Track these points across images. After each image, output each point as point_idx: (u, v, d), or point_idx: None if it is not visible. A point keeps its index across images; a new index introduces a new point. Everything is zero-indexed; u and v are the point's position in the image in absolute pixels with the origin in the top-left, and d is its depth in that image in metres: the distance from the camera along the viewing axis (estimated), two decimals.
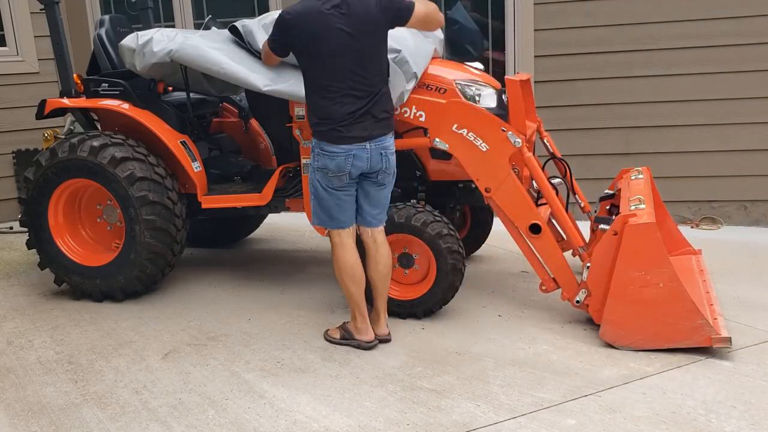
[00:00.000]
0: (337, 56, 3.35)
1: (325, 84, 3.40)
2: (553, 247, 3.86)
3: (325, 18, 3.31)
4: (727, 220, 5.82)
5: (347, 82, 3.37)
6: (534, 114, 4.52)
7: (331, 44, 3.33)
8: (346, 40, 3.33)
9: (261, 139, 4.42)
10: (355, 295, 3.64)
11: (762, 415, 2.92)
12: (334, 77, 3.37)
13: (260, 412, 3.08)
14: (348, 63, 3.35)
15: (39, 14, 5.12)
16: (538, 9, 5.80)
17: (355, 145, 3.40)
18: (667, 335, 3.44)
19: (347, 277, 3.60)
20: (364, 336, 3.65)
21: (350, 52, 3.35)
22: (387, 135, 3.51)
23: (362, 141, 3.41)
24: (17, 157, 6.50)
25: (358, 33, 3.34)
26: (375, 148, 3.45)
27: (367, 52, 3.39)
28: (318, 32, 3.33)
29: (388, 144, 3.51)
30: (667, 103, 5.71)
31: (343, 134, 3.39)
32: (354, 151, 3.40)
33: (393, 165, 3.57)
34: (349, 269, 3.59)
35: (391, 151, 3.54)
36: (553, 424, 2.90)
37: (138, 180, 4.19)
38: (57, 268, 4.50)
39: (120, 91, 4.46)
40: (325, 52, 3.35)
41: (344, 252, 3.58)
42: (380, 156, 3.47)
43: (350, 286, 3.62)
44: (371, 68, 3.42)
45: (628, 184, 4.23)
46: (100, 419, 3.08)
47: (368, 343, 3.64)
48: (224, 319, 4.12)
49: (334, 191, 3.50)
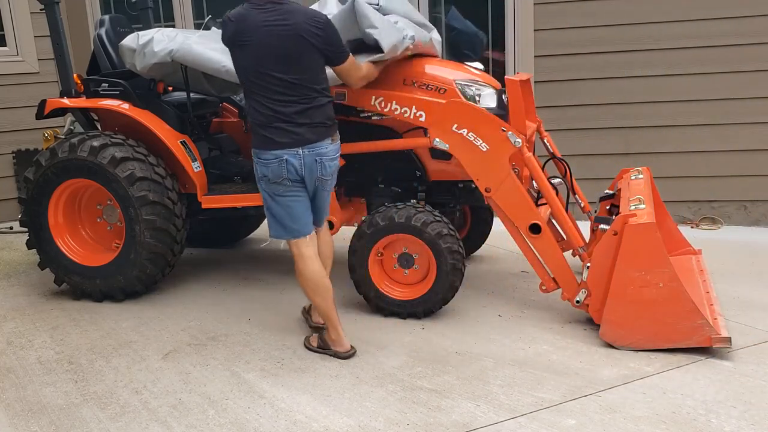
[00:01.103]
0: (266, 63, 3.31)
1: (256, 90, 3.37)
2: (553, 247, 3.86)
3: (261, 23, 3.30)
4: (727, 220, 5.82)
5: (278, 89, 3.33)
6: (534, 114, 4.52)
7: (261, 50, 3.30)
8: (277, 49, 3.29)
9: None
10: (321, 306, 3.58)
11: (762, 415, 2.92)
12: (265, 85, 3.34)
13: (260, 412, 3.08)
14: (278, 71, 3.31)
15: (39, 14, 5.13)
16: (538, 9, 5.80)
17: (287, 150, 3.36)
18: (667, 335, 3.44)
19: (310, 289, 3.55)
20: (339, 348, 3.60)
21: (281, 60, 3.31)
22: (323, 141, 3.43)
23: (293, 146, 3.36)
24: (17, 157, 6.51)
25: (292, 43, 3.30)
26: (308, 154, 3.39)
27: (300, 61, 3.35)
28: (251, 37, 3.30)
29: (323, 151, 3.43)
30: (667, 103, 5.71)
31: (274, 140, 3.36)
32: (285, 156, 3.36)
33: (330, 171, 3.51)
34: (311, 282, 3.52)
35: (328, 157, 3.47)
36: (553, 424, 2.90)
37: (138, 180, 4.19)
38: (57, 268, 4.50)
39: (120, 91, 4.46)
40: (257, 58, 3.32)
41: (303, 263, 3.51)
42: (315, 162, 3.41)
43: (314, 297, 3.57)
44: (304, 77, 3.36)
45: (628, 184, 4.23)
46: (100, 419, 3.08)
47: (345, 353, 3.58)
48: (224, 319, 4.12)
49: (280, 198, 3.45)
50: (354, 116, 4.29)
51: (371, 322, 3.99)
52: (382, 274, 4.05)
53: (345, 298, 4.32)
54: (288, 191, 3.44)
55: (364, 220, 4.02)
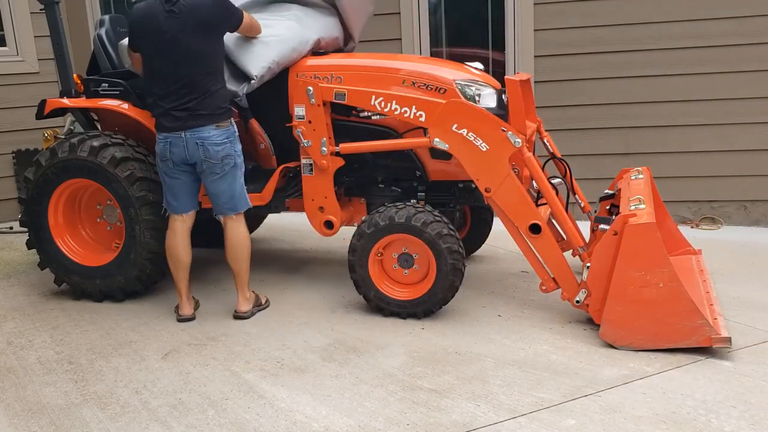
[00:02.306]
0: (157, 53, 3.77)
1: (150, 78, 3.88)
2: (553, 247, 3.86)
3: (157, 15, 3.73)
4: (727, 220, 5.82)
5: (166, 77, 3.79)
6: (534, 114, 4.52)
7: (154, 40, 3.76)
8: (170, 38, 3.72)
9: (261, 139, 4.43)
10: (173, 274, 4.11)
11: (762, 415, 2.92)
12: (158, 73, 3.82)
13: (260, 412, 3.08)
14: (167, 61, 3.76)
15: (39, 14, 5.12)
16: (538, 9, 5.80)
17: (172, 133, 3.83)
18: (667, 335, 3.44)
19: (168, 257, 4.10)
20: (180, 310, 4.15)
21: (172, 50, 3.74)
22: (205, 126, 3.83)
23: (177, 131, 3.82)
24: (17, 157, 6.50)
25: (183, 33, 3.73)
26: (191, 137, 3.81)
27: (191, 51, 3.76)
28: (148, 27, 3.77)
29: (205, 135, 3.83)
30: (667, 103, 5.71)
31: (161, 123, 3.87)
32: (170, 138, 3.84)
33: (217, 155, 3.87)
34: (168, 248, 4.08)
35: (212, 141, 3.84)
36: (553, 424, 2.90)
37: (138, 180, 4.19)
38: (57, 268, 4.50)
39: (120, 91, 4.45)
40: (150, 47, 3.81)
41: (169, 235, 4.07)
42: (196, 145, 3.82)
43: (169, 262, 4.11)
44: (194, 68, 3.77)
45: (628, 184, 4.23)
46: (100, 419, 3.08)
47: (180, 316, 4.12)
48: (224, 319, 4.13)
49: (164, 175, 3.97)
50: (354, 116, 4.29)
51: (371, 322, 4.00)
52: (382, 274, 4.05)
53: (345, 298, 4.32)
54: (171, 171, 3.94)
55: (364, 220, 4.02)
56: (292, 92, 4.21)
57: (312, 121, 4.12)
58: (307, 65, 4.30)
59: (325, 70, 4.22)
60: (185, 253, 4.07)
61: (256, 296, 4.25)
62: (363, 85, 4.10)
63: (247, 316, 4.12)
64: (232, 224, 4.05)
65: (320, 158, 4.15)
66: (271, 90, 4.33)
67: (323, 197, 4.25)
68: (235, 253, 4.06)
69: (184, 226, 4.06)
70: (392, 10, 6.08)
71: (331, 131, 4.17)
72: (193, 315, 4.16)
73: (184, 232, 4.06)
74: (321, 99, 4.10)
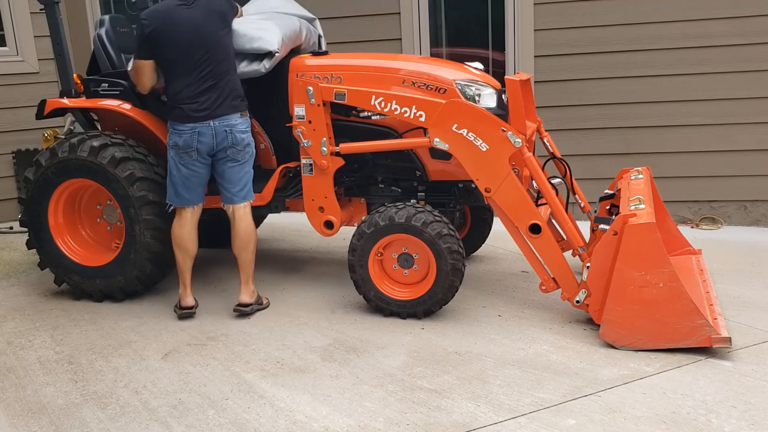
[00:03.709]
0: (183, 47, 3.82)
1: (172, 68, 3.89)
2: (553, 247, 3.86)
3: (176, 10, 3.84)
4: (727, 220, 5.82)
5: (191, 70, 3.85)
6: (534, 114, 4.52)
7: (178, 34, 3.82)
8: (195, 30, 3.83)
9: (261, 139, 4.43)
10: (178, 262, 4.12)
11: (762, 415, 2.92)
12: (182, 68, 3.86)
13: (260, 412, 3.08)
14: (194, 52, 3.83)
15: (39, 14, 5.13)
16: (538, 9, 5.80)
17: (200, 123, 3.85)
18: (667, 335, 3.44)
19: (175, 245, 4.09)
20: (182, 302, 4.14)
21: (200, 40, 3.83)
22: (233, 114, 3.93)
23: (206, 119, 3.86)
24: (17, 157, 6.50)
25: (206, 23, 3.86)
26: (219, 125, 3.88)
27: (215, 40, 3.88)
28: (170, 26, 3.83)
29: (234, 122, 3.92)
30: (667, 103, 5.71)
31: (187, 114, 3.86)
32: (198, 128, 3.86)
33: (242, 141, 3.96)
34: (177, 238, 4.08)
35: (239, 129, 3.94)
36: (553, 424, 2.90)
37: (138, 180, 4.19)
38: (57, 268, 4.50)
39: (120, 91, 4.46)
40: (173, 45, 3.84)
41: (179, 225, 4.07)
42: (225, 133, 3.89)
43: (176, 252, 4.10)
44: (218, 56, 3.89)
45: (628, 184, 4.23)
46: (100, 419, 3.08)
47: (182, 309, 4.12)
48: (224, 319, 4.12)
49: (183, 167, 3.94)
50: (354, 116, 4.29)
51: (371, 322, 4.00)
52: (382, 274, 4.05)
53: (345, 298, 4.33)
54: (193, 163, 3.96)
55: (364, 220, 4.02)
56: (292, 92, 4.21)
57: (312, 121, 4.13)
58: (307, 65, 4.30)
59: (325, 70, 4.23)
60: (193, 244, 4.11)
61: (257, 296, 4.24)
62: (363, 85, 4.10)
63: (248, 310, 4.12)
64: (242, 214, 4.06)
65: (320, 158, 4.16)
66: (271, 90, 4.33)
67: (323, 197, 4.25)
68: (242, 243, 4.07)
69: (194, 217, 4.09)
70: (392, 10, 6.08)
71: (331, 131, 4.18)
72: (196, 304, 4.17)
73: (194, 222, 4.09)
74: (321, 99, 4.10)
